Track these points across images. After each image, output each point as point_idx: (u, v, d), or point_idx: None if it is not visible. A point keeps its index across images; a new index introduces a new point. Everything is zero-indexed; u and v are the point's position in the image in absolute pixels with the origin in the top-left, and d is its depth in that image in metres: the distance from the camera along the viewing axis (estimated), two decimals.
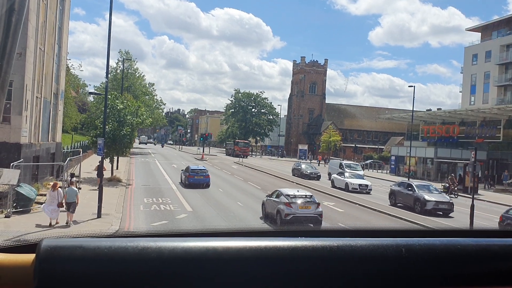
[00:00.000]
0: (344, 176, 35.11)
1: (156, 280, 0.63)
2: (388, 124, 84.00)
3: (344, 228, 1.36)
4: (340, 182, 34.81)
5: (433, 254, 0.74)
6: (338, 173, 36.94)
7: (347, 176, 34.95)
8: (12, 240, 1.07)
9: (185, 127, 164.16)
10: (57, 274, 0.61)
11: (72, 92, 62.46)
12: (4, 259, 0.65)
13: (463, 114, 52.03)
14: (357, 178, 34.72)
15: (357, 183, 33.56)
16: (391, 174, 55.30)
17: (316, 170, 43.30)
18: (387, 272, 0.71)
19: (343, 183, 34.19)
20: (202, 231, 1.23)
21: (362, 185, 33.49)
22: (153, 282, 0.63)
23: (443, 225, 20.01)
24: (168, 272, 0.63)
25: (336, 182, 35.83)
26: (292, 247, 0.68)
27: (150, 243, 0.65)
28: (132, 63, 72.19)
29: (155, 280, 0.63)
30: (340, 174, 36.15)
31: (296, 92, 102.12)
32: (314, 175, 41.50)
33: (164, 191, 27.81)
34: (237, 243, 0.67)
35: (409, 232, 1.35)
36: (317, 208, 18.93)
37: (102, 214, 18.71)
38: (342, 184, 34.35)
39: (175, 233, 1.18)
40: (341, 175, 35.67)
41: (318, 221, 18.64)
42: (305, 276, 0.68)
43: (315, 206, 18.98)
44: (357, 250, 0.71)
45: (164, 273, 0.63)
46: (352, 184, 33.36)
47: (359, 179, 34.77)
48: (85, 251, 0.62)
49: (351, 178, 34.55)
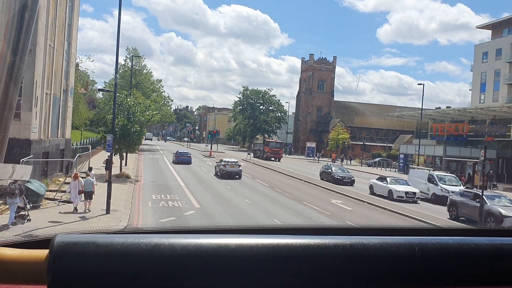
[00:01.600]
0: (386, 181, 30.11)
1: (169, 277, 0.63)
2: (397, 122, 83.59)
3: (355, 227, 1.35)
4: (381, 189, 29.86)
5: (446, 252, 0.74)
6: (379, 178, 32.05)
7: (390, 181, 29.98)
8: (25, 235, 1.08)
9: (193, 124, 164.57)
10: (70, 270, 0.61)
11: (81, 88, 62.81)
12: (17, 254, 0.65)
13: (473, 112, 51.66)
14: (402, 184, 29.65)
15: (403, 190, 28.33)
16: (399, 172, 55.06)
17: (350, 174, 37.34)
18: (400, 271, 0.71)
19: (385, 190, 29.30)
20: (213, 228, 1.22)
21: (409, 192, 28.22)
22: (166, 278, 0.63)
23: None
24: (181, 269, 0.63)
25: (376, 188, 30.75)
26: (304, 245, 0.69)
27: (163, 239, 0.65)
28: (140, 60, 72.41)
29: (168, 276, 0.63)
30: (381, 179, 31.26)
31: (305, 90, 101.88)
32: (347, 180, 36.10)
33: (172, 187, 27.91)
34: (249, 240, 0.67)
35: (422, 230, 1.34)
36: (239, 167, 35.71)
37: (111, 210, 18.82)
38: (383, 191, 29.47)
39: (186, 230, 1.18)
40: (383, 180, 30.75)
41: (239, 173, 35.38)
42: (318, 274, 0.68)
43: (238, 166, 35.69)
44: (370, 248, 0.71)
45: (177, 270, 0.63)
46: (397, 191, 28.17)
47: (404, 185, 29.63)
48: (98, 247, 0.63)
49: (396, 184, 29.57)
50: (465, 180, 40.32)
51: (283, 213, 21.63)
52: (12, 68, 1.14)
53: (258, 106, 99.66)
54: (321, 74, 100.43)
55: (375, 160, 67.86)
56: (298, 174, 42.58)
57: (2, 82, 1.12)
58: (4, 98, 1.13)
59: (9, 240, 1.16)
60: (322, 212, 22.53)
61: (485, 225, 17.33)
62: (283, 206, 23.84)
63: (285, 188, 31.13)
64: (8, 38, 1.12)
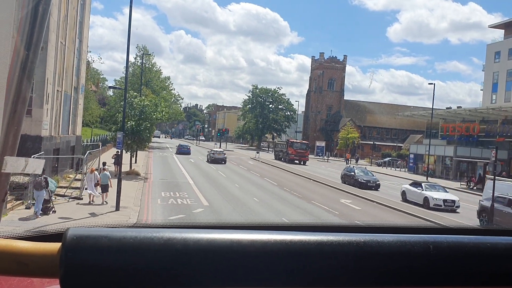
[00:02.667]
0: (421, 187, 27.16)
1: (182, 271, 0.63)
2: (407, 121, 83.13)
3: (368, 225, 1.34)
4: (415, 195, 27.04)
5: (461, 251, 0.73)
6: (412, 184, 29.18)
7: (425, 187, 27.05)
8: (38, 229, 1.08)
9: (202, 122, 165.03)
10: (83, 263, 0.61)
11: (92, 86, 63.22)
12: (30, 247, 0.66)
13: (484, 112, 51.18)
14: (439, 191, 26.91)
15: (441, 197, 25.49)
16: (409, 172, 54.79)
17: (374, 177, 34.77)
18: (414, 269, 0.70)
19: (420, 197, 26.48)
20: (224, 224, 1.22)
21: (447, 200, 25.41)
22: (178, 273, 0.63)
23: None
24: (194, 264, 0.63)
25: (409, 195, 27.94)
26: (318, 242, 0.68)
27: (175, 234, 0.65)
28: (150, 57, 72.69)
29: (181, 271, 0.63)
30: (415, 185, 28.26)
31: (314, 88, 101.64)
32: (372, 184, 33.46)
33: (181, 185, 28.01)
34: (262, 236, 0.67)
35: (436, 229, 1.32)
36: (224, 155, 46.89)
37: (121, 206, 18.93)
38: (418, 198, 26.65)
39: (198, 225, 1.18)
40: (417, 186, 27.74)
41: (224, 159, 46.41)
42: (332, 271, 0.67)
43: (223, 154, 47.00)
44: (384, 246, 0.70)
45: (189, 264, 0.63)
46: (434, 198, 25.35)
47: (441, 191, 26.92)
48: (110, 240, 0.63)
49: (432, 190, 26.77)
50: (475, 181, 40.03)
51: (291, 212, 21.62)
52: (25, 62, 1.14)
53: (267, 104, 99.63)
54: (331, 72, 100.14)
55: (385, 160, 67.56)
56: (294, 168, 42.78)
57: (15, 76, 1.12)
58: (17, 92, 1.13)
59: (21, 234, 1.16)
60: (331, 211, 22.48)
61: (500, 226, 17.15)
62: (291, 204, 23.82)
63: (293, 187, 31.11)
64: (22, 32, 1.12)
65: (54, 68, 24.21)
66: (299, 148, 57.58)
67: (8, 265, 0.65)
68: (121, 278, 0.62)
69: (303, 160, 56.97)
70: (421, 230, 1.26)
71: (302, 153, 57.24)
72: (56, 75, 24.69)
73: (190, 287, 0.65)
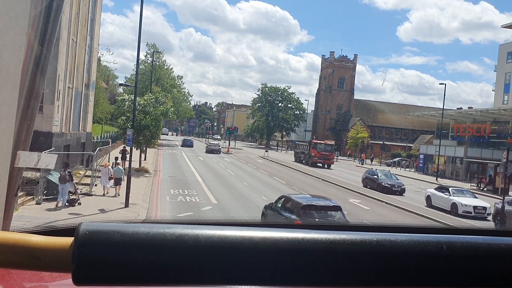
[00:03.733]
0: (448, 192, 25.34)
1: (193, 267, 0.63)
2: (418, 122, 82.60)
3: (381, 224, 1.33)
4: (442, 201, 25.33)
5: (475, 252, 0.72)
6: (438, 188, 27.42)
7: (453, 192, 25.29)
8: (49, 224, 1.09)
9: (211, 120, 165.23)
10: (95, 258, 0.62)
11: (103, 83, 63.53)
12: (43, 241, 0.66)
13: (496, 113, 50.69)
14: (468, 196, 25.26)
15: (471, 204, 23.82)
16: (419, 172, 54.46)
17: (399, 181, 32.47)
18: (427, 269, 0.69)
19: (447, 203, 24.78)
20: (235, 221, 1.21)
21: (478, 207, 23.68)
22: (190, 269, 0.63)
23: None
24: (205, 260, 0.63)
25: (434, 200, 26.16)
26: (330, 240, 0.68)
27: (187, 230, 0.65)
28: (160, 55, 72.89)
29: (192, 267, 0.63)
30: (441, 190, 26.43)
31: (324, 87, 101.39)
32: (397, 188, 31.05)
33: (190, 183, 28.08)
34: (273, 234, 0.67)
35: (449, 230, 1.31)
36: (219, 147, 59.74)
37: (130, 203, 19.02)
38: (445, 203, 24.98)
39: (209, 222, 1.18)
40: (443, 191, 25.90)
41: (219, 150, 58.35)
42: (344, 269, 0.67)
43: (218, 146, 59.65)
44: (397, 245, 0.69)
45: (201, 261, 0.63)
46: (463, 205, 23.76)
47: (470, 197, 25.27)
48: (123, 235, 0.63)
49: (460, 195, 25.16)
50: (486, 182, 39.69)
51: None
52: (39, 57, 1.15)
53: (277, 103, 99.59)
54: (342, 72, 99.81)
55: (395, 160, 67.21)
56: (304, 168, 42.69)
57: (29, 71, 1.13)
58: (31, 87, 1.13)
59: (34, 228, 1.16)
60: None
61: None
62: None
63: (302, 186, 31.06)
64: (36, 28, 1.13)
65: (66, 65, 24.37)
66: (324, 150, 51.50)
67: (21, 259, 0.65)
68: (133, 273, 0.63)
69: (328, 163, 51.45)
70: (434, 230, 1.25)
71: (327, 155, 51.35)
72: (67, 71, 24.86)
73: (201, 283, 0.65)
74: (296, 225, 1.25)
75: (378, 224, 1.34)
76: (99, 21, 33.74)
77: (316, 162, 50.57)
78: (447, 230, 1.30)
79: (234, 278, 0.65)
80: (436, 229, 1.27)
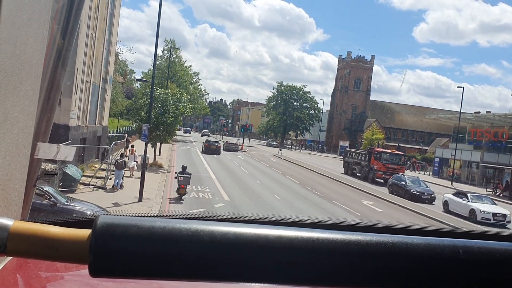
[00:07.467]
0: (466, 198, 24.73)
1: (208, 263, 0.64)
2: (434, 124, 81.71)
3: (395, 226, 1.32)
4: (460, 207, 24.74)
5: (493, 257, 0.71)
6: (456, 193, 26.64)
7: (471, 198, 24.69)
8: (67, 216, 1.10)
9: (226, 117, 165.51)
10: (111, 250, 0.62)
11: (120, 77, 63.99)
12: (62, 232, 0.67)
13: None
14: (487, 203, 24.54)
15: (490, 210, 23.25)
16: (434, 176, 53.90)
17: (429, 189, 30.13)
18: (443, 273, 0.69)
19: (465, 209, 24.21)
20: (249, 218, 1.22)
21: (497, 214, 23.09)
22: (205, 265, 0.64)
23: None
24: (220, 256, 0.64)
25: (452, 205, 25.57)
26: (345, 241, 0.67)
27: (203, 226, 0.65)
28: (177, 51, 73.08)
29: (207, 263, 0.64)
30: (460, 195, 25.74)
31: (340, 87, 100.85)
32: (426, 196, 28.89)
33: (203, 179, 28.15)
34: (289, 232, 0.67)
35: (466, 234, 1.29)
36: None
37: (143, 198, 19.16)
38: (463, 209, 24.37)
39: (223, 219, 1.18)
40: (462, 197, 25.23)
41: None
42: (359, 270, 0.67)
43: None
44: (412, 247, 0.68)
45: (216, 257, 0.64)
46: (482, 211, 23.20)
47: (489, 203, 24.57)
48: (139, 229, 0.64)
49: (479, 201, 24.52)
50: (502, 188, 39.16)
51: (312, 211, 21.53)
52: (61, 50, 1.16)
53: (292, 102, 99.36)
54: (358, 72, 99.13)
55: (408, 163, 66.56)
56: (317, 167, 42.35)
57: (51, 63, 1.14)
58: (52, 78, 1.15)
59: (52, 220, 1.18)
60: (352, 212, 22.31)
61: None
62: (312, 203, 23.72)
63: (315, 186, 30.96)
64: (58, 21, 1.14)
65: (84, 59, 24.61)
66: (391, 162, 37.93)
67: (39, 249, 0.66)
68: (148, 267, 0.63)
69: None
70: (449, 234, 1.24)
71: (396, 169, 37.02)
72: (85, 65, 25.11)
73: (215, 279, 0.65)
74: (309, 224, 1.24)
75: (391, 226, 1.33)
76: (118, 16, 33.99)
77: (380, 177, 37.51)
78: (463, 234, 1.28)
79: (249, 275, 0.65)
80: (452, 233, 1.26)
